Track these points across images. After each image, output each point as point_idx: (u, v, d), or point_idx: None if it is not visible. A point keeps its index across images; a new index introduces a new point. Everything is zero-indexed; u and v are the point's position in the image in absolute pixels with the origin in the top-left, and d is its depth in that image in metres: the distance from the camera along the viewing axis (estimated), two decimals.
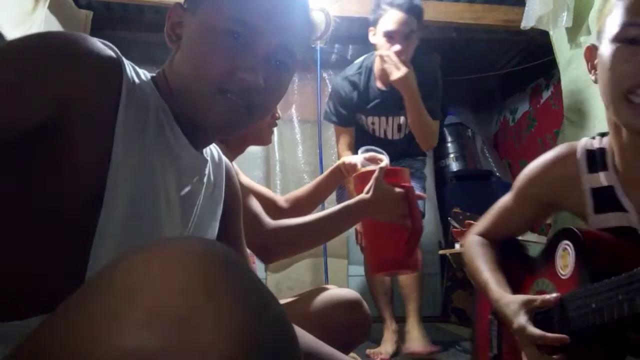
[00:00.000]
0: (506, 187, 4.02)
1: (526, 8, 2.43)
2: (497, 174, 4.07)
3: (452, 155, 4.03)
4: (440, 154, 4.06)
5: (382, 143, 2.51)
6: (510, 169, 4.29)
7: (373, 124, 2.48)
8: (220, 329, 0.38)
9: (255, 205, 1.26)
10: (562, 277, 0.97)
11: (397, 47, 2.17)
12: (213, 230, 0.82)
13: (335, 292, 1.35)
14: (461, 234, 2.42)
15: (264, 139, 1.40)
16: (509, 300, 1.00)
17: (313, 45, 0.81)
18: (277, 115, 1.40)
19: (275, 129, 1.43)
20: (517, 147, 4.23)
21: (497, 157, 4.30)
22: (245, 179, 1.56)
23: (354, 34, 3.58)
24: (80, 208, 0.60)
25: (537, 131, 3.98)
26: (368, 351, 2.29)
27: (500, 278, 1.08)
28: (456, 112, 4.17)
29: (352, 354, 1.57)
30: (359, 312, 1.33)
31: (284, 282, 3.44)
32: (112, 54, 0.64)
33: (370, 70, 2.42)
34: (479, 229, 1.23)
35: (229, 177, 0.89)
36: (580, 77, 2.32)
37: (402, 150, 2.50)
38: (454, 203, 3.58)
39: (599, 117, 2.20)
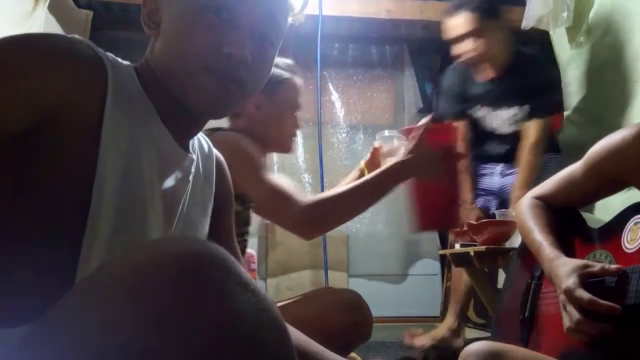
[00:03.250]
0: None
1: (526, 8, 2.43)
2: None
3: None
4: None
5: (495, 139, 2.50)
6: None
7: (483, 117, 2.45)
8: (213, 328, 0.38)
9: (285, 183, 1.24)
10: (627, 251, 0.95)
11: (465, 47, 2.24)
12: (204, 226, 0.81)
13: (336, 292, 1.35)
14: (461, 233, 2.41)
15: (285, 146, 1.42)
16: (566, 261, 0.97)
17: (290, 22, 0.79)
18: (299, 124, 1.44)
19: None
20: None
21: None
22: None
23: (355, 34, 3.58)
24: (67, 213, 0.59)
25: None
26: (415, 330, 2.31)
27: (555, 241, 1.06)
28: None
29: (352, 354, 1.57)
30: (359, 312, 1.33)
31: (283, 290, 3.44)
32: (94, 55, 0.63)
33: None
34: (537, 192, 1.19)
35: (220, 171, 0.87)
36: (580, 76, 2.32)
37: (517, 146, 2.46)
38: None
39: (600, 116, 2.20)
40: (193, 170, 0.76)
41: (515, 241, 2.14)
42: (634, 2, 2.03)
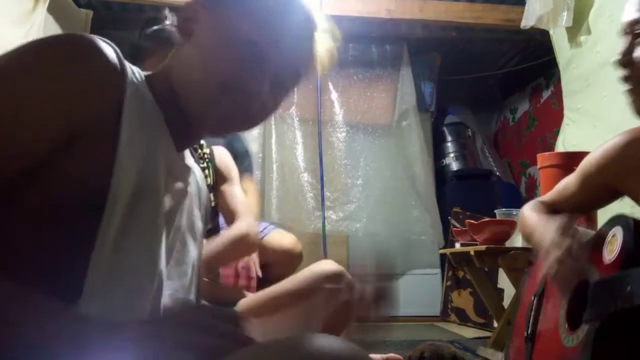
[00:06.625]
0: (506, 187, 4.01)
1: (526, 7, 2.43)
2: (497, 173, 4.07)
3: (452, 155, 4.03)
4: (440, 153, 4.06)
5: None
6: (510, 168, 4.29)
7: None
8: None
9: None
10: (606, 263, 0.96)
11: None
12: (202, 232, 0.83)
13: (318, 265, 1.35)
14: (461, 233, 2.42)
15: None
16: (547, 234, 1.00)
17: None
18: None
19: (274, 128, 1.44)
20: (517, 147, 4.23)
21: (497, 156, 4.30)
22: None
23: (355, 33, 3.58)
24: (79, 219, 0.60)
25: (537, 130, 3.98)
26: None
27: (547, 223, 1.06)
28: (456, 112, 4.17)
29: None
30: (340, 283, 1.33)
31: None
32: (116, 62, 0.63)
33: None
34: (538, 199, 1.21)
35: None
36: (580, 76, 2.32)
37: None
38: (454, 202, 3.58)
39: (600, 116, 2.20)
40: (191, 181, 0.78)
41: (516, 240, 2.15)
42: None
